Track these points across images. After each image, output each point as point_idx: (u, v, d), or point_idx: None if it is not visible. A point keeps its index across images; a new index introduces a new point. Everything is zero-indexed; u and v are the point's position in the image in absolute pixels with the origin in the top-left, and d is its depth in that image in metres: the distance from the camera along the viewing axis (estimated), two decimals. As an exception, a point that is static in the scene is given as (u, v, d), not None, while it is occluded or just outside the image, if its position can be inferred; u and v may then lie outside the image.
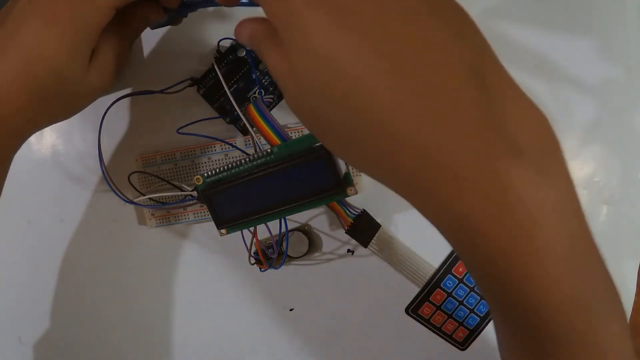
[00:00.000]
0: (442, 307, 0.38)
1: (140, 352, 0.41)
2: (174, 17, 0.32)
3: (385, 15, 0.17)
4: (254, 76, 0.35)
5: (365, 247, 0.36)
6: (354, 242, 0.38)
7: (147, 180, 0.37)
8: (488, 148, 0.16)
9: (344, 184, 0.29)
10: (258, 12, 0.22)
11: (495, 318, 0.21)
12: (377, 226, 0.36)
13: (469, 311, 0.38)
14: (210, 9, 0.36)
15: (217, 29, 0.36)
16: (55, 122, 0.29)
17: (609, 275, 0.19)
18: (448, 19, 0.17)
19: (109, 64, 0.28)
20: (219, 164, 0.37)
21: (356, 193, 0.29)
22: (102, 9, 0.24)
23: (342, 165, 0.29)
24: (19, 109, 0.25)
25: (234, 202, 0.31)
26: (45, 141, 0.39)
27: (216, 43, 0.35)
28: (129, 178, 0.36)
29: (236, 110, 0.34)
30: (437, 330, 0.39)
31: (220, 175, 0.31)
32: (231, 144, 0.36)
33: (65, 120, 0.31)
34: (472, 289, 0.38)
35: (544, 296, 0.17)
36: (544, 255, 0.17)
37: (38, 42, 0.24)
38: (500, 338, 0.23)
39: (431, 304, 0.38)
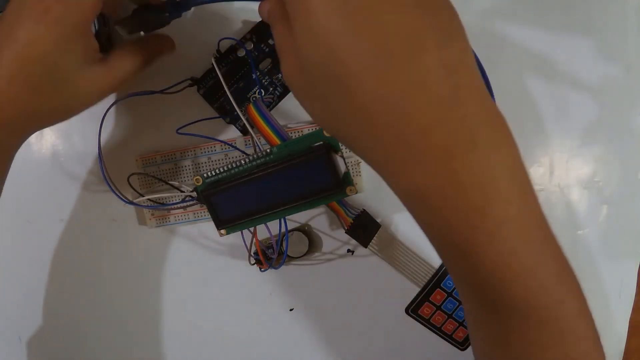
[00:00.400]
0: (442, 307, 0.38)
1: (140, 351, 0.41)
2: (168, 19, 0.31)
3: (381, 6, 0.18)
4: (254, 76, 0.35)
5: (366, 247, 0.36)
6: (354, 242, 0.38)
7: (147, 181, 0.37)
8: (448, 138, 0.19)
9: (344, 183, 0.29)
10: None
11: (461, 294, 0.24)
12: (377, 226, 0.36)
13: (469, 311, 0.38)
14: (210, 7, 0.36)
15: (217, 29, 0.36)
16: (55, 120, 0.29)
17: (564, 256, 0.21)
18: (438, 18, 0.19)
19: (115, 70, 0.29)
20: (219, 164, 0.37)
21: (356, 193, 0.29)
22: (87, 9, 0.25)
23: (342, 165, 0.29)
24: (14, 101, 0.26)
25: (233, 202, 0.31)
26: (45, 141, 0.39)
27: (216, 43, 0.35)
28: (128, 180, 0.36)
29: (236, 110, 0.34)
30: (437, 330, 0.39)
31: (219, 176, 0.31)
32: (231, 144, 0.36)
33: (65, 120, 0.30)
34: (472, 289, 0.38)
35: (497, 269, 0.20)
36: (495, 232, 0.19)
37: (28, 32, 0.25)
38: (468, 317, 0.25)
39: (431, 304, 0.38)
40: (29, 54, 0.25)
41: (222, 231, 0.32)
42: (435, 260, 0.38)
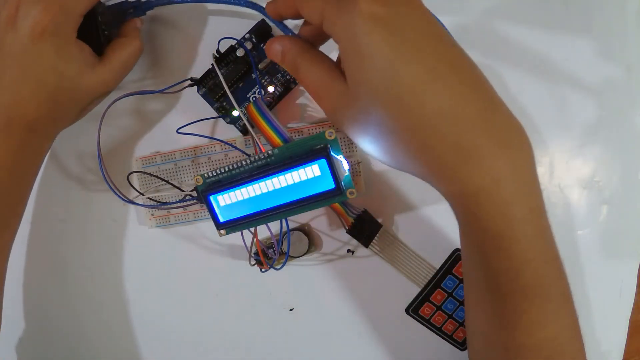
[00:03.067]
0: (442, 307, 0.38)
1: (139, 351, 0.41)
2: (126, 15, 0.33)
3: (425, 37, 0.22)
4: (254, 76, 0.35)
5: (367, 247, 0.36)
6: (354, 242, 0.38)
7: (147, 180, 0.37)
8: (490, 147, 0.22)
9: (345, 186, 0.29)
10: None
11: (475, 286, 0.27)
12: (378, 226, 0.36)
13: (469, 311, 0.38)
14: (210, 7, 0.36)
15: (217, 29, 0.36)
16: (74, 120, 0.33)
17: (555, 244, 0.25)
18: (457, 45, 0.23)
19: (113, 66, 0.32)
20: (219, 164, 0.37)
21: (355, 196, 0.29)
22: (74, 16, 0.30)
23: (343, 168, 0.29)
24: (38, 109, 0.30)
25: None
26: (45, 141, 0.38)
27: (216, 43, 0.35)
28: (127, 178, 0.36)
29: (236, 110, 0.34)
30: (437, 330, 0.39)
31: (220, 176, 0.31)
32: (231, 144, 0.36)
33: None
34: (472, 289, 0.38)
35: (524, 259, 0.23)
36: (517, 229, 0.23)
37: (28, 50, 0.29)
38: (476, 310, 0.28)
39: (431, 304, 0.38)
40: (40, 70, 0.29)
41: (222, 231, 0.32)
42: (436, 261, 0.38)
